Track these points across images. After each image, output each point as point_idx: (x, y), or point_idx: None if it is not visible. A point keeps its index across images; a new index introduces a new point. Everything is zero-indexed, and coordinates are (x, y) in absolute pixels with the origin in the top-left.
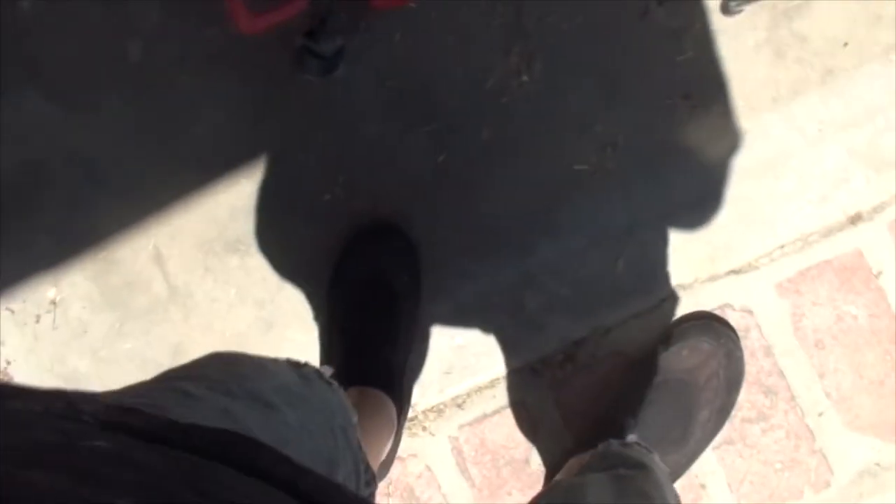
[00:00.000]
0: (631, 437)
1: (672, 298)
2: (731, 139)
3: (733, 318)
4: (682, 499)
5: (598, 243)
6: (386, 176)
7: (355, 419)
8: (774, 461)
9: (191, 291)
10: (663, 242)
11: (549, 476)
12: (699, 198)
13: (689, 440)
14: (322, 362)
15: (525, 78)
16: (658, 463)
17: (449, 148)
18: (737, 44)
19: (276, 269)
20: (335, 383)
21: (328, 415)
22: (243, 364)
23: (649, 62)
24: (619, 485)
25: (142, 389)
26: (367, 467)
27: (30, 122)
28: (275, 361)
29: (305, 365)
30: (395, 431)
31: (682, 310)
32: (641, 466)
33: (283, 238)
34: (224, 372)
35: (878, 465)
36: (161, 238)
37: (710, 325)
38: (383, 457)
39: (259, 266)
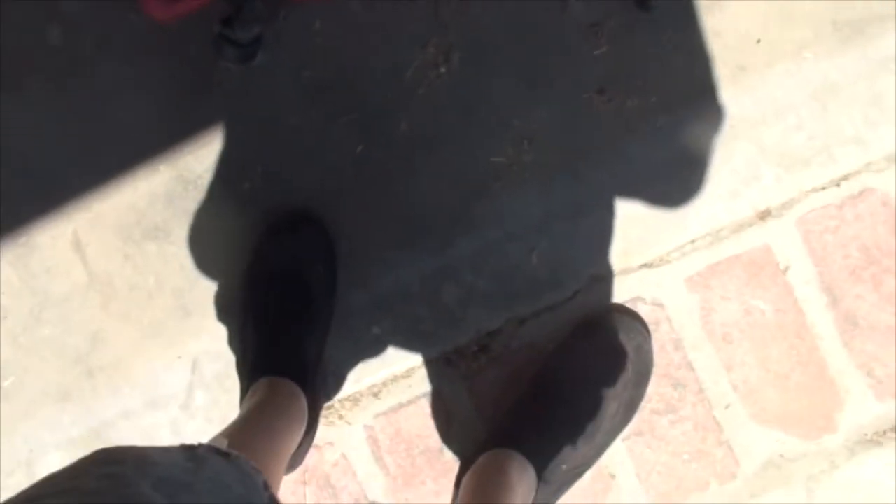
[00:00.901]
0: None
1: (585, 291)
2: (644, 134)
3: (644, 311)
4: (592, 489)
5: (515, 236)
6: (305, 166)
7: (261, 480)
8: (682, 452)
9: (110, 278)
10: (578, 236)
11: (463, 467)
12: (613, 192)
13: (597, 433)
14: (236, 353)
15: (443, 70)
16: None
17: (368, 139)
18: (652, 39)
19: (195, 258)
20: (234, 453)
21: (222, 492)
22: (125, 464)
23: (567, 56)
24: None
25: None
26: None
27: None
28: (164, 450)
29: (199, 446)
30: (306, 421)
31: (594, 301)
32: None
33: (201, 226)
34: (100, 479)
35: (782, 456)
36: (81, 224)
37: (621, 318)
38: (294, 447)
39: (177, 254)
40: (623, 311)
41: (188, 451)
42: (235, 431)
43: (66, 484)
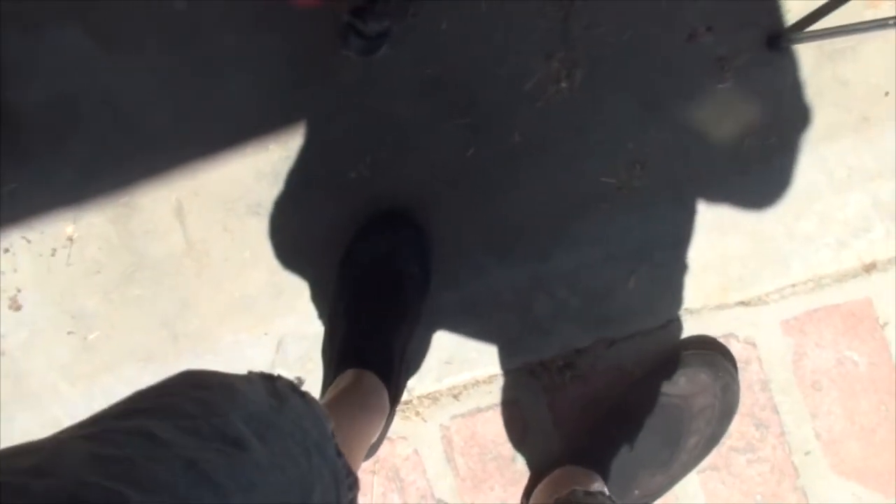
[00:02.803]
0: (596, 487)
1: (679, 321)
2: (757, 173)
3: (736, 349)
4: None
5: (614, 258)
6: (413, 162)
7: (331, 427)
8: (755, 492)
9: (207, 248)
10: (677, 266)
11: (533, 478)
12: (720, 227)
13: (674, 463)
14: (325, 339)
15: (564, 85)
16: None
17: (479, 143)
18: (778, 79)
19: (293, 239)
20: (309, 394)
21: (301, 436)
22: (213, 390)
23: (689, 86)
24: None
25: (109, 430)
26: (349, 472)
27: (70, 56)
28: (247, 380)
29: (279, 378)
30: (386, 415)
31: (687, 333)
32: None
33: (303, 209)
34: (194, 402)
35: None
36: (184, 191)
37: (712, 356)
38: (374, 439)
39: (277, 232)
40: (714, 347)
41: (269, 382)
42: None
43: (159, 402)
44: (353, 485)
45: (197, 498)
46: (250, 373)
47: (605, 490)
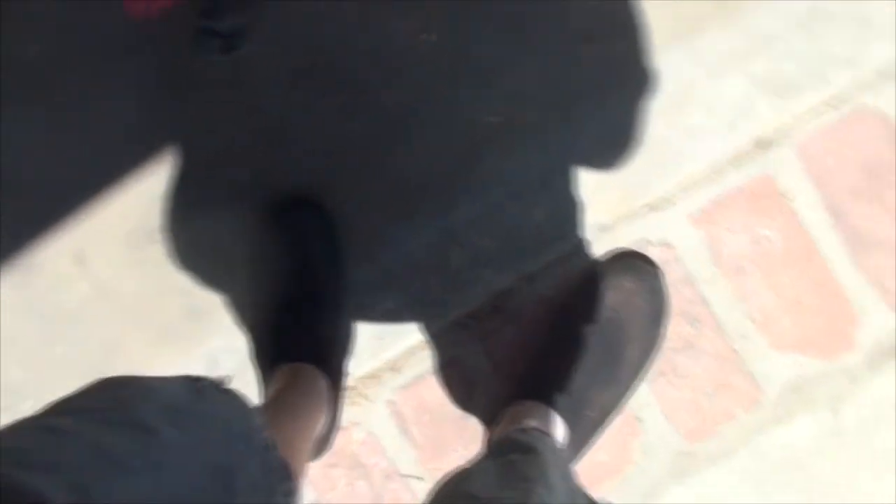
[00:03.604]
0: (535, 423)
1: (592, 240)
2: (636, 79)
3: (653, 253)
4: (619, 431)
5: (517, 194)
6: (300, 150)
7: (259, 420)
8: (705, 387)
9: (116, 287)
10: (579, 186)
11: (488, 429)
12: (611, 140)
13: (620, 376)
14: (250, 343)
15: (425, 36)
16: (552, 446)
17: (359, 115)
18: None
19: (199, 255)
20: (233, 390)
21: (223, 425)
22: (129, 387)
23: (553, 6)
24: (505, 470)
25: (15, 428)
26: (282, 465)
27: None
28: (167, 380)
29: (201, 379)
30: (328, 404)
31: (601, 250)
32: (532, 450)
33: (202, 222)
34: (106, 399)
35: (803, 379)
36: (80, 238)
37: (632, 262)
38: (318, 431)
39: (181, 253)
40: (632, 254)
41: (191, 382)
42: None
43: (75, 404)
44: (288, 477)
45: (100, 475)
46: (173, 375)
47: (556, 421)
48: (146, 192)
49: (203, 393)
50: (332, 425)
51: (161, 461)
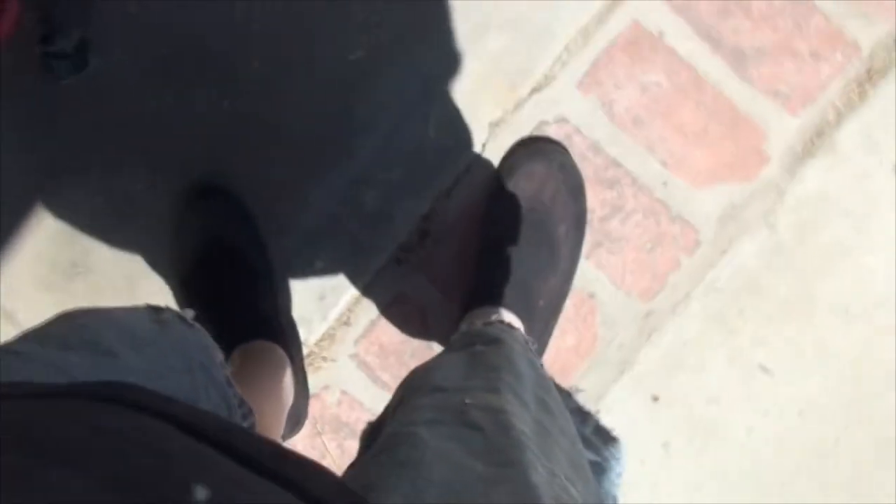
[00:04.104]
0: (494, 316)
1: (491, 139)
2: None
3: (553, 132)
4: (579, 314)
5: (405, 116)
6: (184, 143)
7: (219, 357)
8: (643, 244)
9: None
10: (460, 91)
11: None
12: (475, 34)
13: (558, 260)
14: None
15: None
16: (517, 336)
17: (228, 90)
18: None
19: (123, 276)
20: (196, 325)
21: (184, 354)
22: (88, 316)
23: None
24: (470, 360)
25: None
26: (242, 402)
27: None
28: (130, 309)
29: (165, 309)
30: (290, 375)
31: (504, 145)
32: (497, 341)
33: (116, 244)
34: (65, 327)
35: (733, 206)
36: (1, 296)
37: (535, 147)
38: (289, 401)
39: (104, 278)
40: (532, 140)
41: (154, 311)
42: None
43: (39, 332)
44: (248, 414)
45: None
46: (135, 305)
47: (510, 318)
48: (51, 231)
49: (166, 323)
50: (301, 396)
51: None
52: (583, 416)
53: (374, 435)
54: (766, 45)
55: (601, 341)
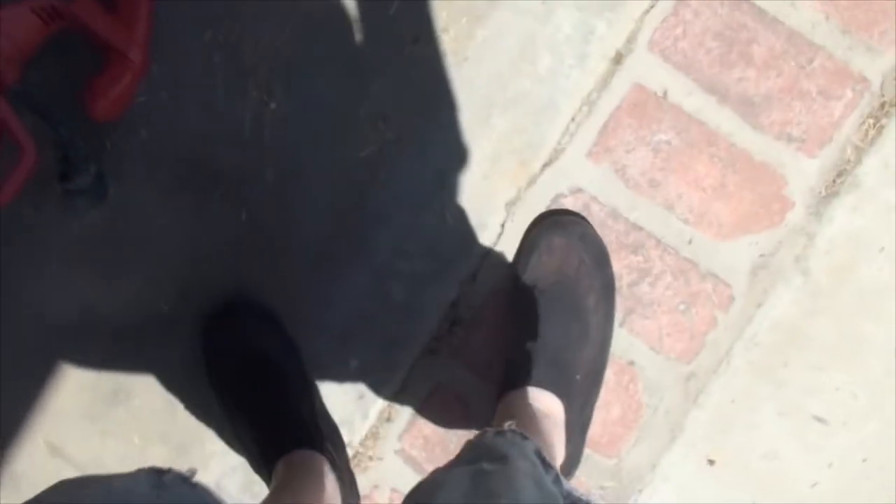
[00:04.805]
0: (508, 424)
1: (509, 219)
2: (474, 54)
3: (570, 203)
4: (620, 384)
5: (421, 206)
6: (206, 259)
7: None
8: (676, 305)
9: (98, 461)
10: (473, 174)
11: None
12: (480, 117)
13: (591, 330)
14: (244, 456)
15: (273, 105)
16: (526, 451)
17: (244, 202)
18: None
19: (160, 396)
20: (200, 484)
21: None
22: (88, 487)
23: (368, 28)
24: (473, 482)
25: None
26: None
27: None
28: (129, 476)
29: (167, 471)
30: (334, 482)
31: (522, 223)
32: (503, 459)
33: (150, 367)
34: (65, 502)
35: (762, 255)
36: (45, 428)
37: (552, 220)
38: None
39: (145, 403)
40: (549, 213)
41: (155, 475)
42: None
43: None
44: None
45: None
46: (139, 469)
47: (546, 396)
48: (85, 362)
49: (166, 487)
50: (350, 498)
51: None
52: None
53: None
54: (773, 91)
55: (647, 409)
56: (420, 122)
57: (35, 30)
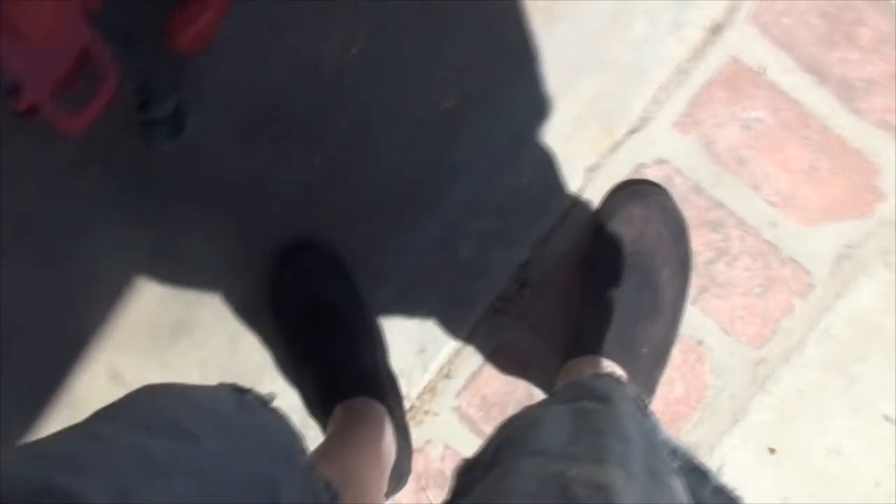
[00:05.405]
0: (602, 367)
1: (588, 185)
2: (568, 12)
3: (651, 174)
4: (687, 363)
5: (498, 164)
6: (276, 200)
7: (301, 443)
8: (753, 287)
9: None
10: (554, 136)
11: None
12: (567, 80)
13: (663, 305)
14: (301, 397)
15: (355, 50)
16: (626, 393)
17: (319, 147)
18: None
19: (222, 332)
20: (278, 409)
21: (265, 440)
22: (171, 395)
23: None
24: (575, 419)
25: (58, 435)
26: (327, 486)
27: None
28: (213, 388)
29: (248, 391)
30: (391, 431)
31: (601, 190)
32: (606, 399)
33: (213, 301)
34: (148, 406)
35: (847, 246)
36: (107, 355)
37: (634, 190)
38: (392, 458)
39: (206, 338)
40: (630, 182)
41: (237, 393)
42: (318, 458)
43: (119, 411)
44: (335, 498)
45: (143, 479)
46: (220, 384)
47: (611, 368)
48: (156, 293)
49: (247, 406)
50: (403, 451)
51: (203, 469)
52: (700, 476)
53: (469, 474)
54: (876, 76)
55: (711, 390)
56: (504, 78)
57: None
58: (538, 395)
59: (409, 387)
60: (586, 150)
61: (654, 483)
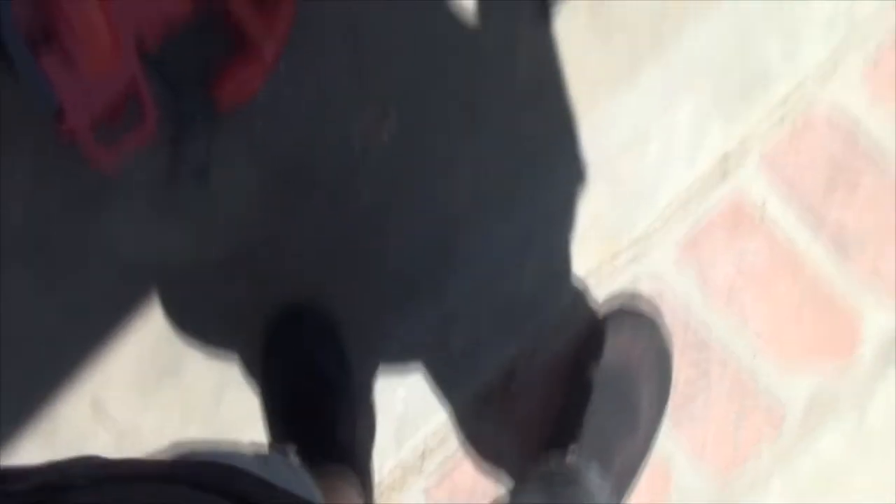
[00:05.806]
0: (570, 458)
1: (584, 289)
2: (589, 128)
3: (644, 287)
4: (652, 474)
5: (501, 263)
6: (285, 259)
7: (318, 499)
8: (728, 414)
9: (137, 429)
10: (559, 242)
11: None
12: (578, 190)
13: (640, 422)
14: None
15: (386, 127)
16: (594, 479)
17: (336, 215)
18: (564, 40)
19: (210, 379)
20: (297, 465)
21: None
22: (208, 449)
23: (491, 81)
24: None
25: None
26: None
27: None
28: (232, 444)
29: (270, 445)
30: (360, 494)
31: (595, 296)
32: (573, 483)
33: (207, 348)
34: (209, 453)
35: (822, 387)
36: (94, 386)
37: (625, 306)
38: None
39: (193, 383)
40: (625, 298)
41: (256, 446)
42: None
43: (200, 452)
44: None
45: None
46: (239, 444)
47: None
48: (153, 330)
49: (268, 460)
50: None
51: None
52: None
53: None
54: (871, 230)
55: None
56: (520, 180)
57: (183, 2)
58: (508, 483)
59: (382, 461)
60: (588, 257)
61: None
